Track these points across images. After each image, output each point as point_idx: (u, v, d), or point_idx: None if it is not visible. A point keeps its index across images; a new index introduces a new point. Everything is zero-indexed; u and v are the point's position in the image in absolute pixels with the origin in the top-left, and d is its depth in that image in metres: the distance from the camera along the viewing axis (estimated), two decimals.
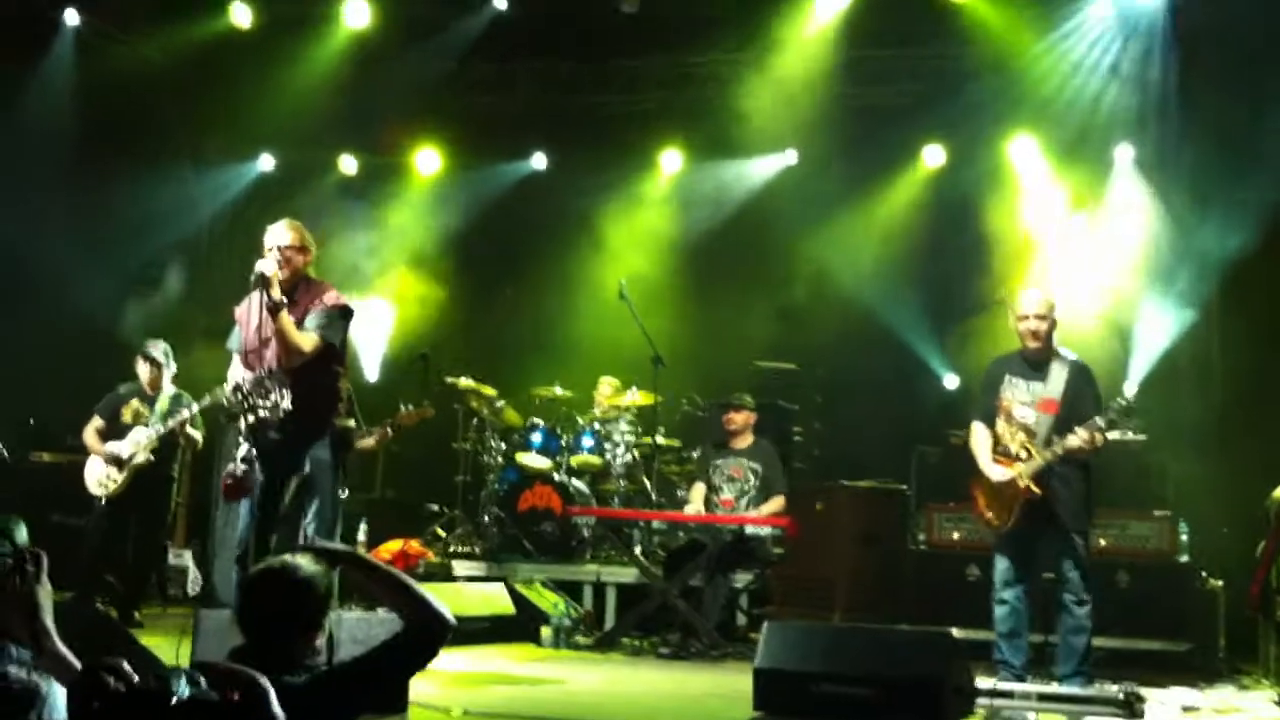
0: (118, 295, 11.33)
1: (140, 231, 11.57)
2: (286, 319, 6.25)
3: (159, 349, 9.10)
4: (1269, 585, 7.31)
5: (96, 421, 8.99)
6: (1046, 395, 6.93)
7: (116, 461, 8.77)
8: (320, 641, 3.59)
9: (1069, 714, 6.18)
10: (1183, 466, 9.18)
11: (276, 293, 6.20)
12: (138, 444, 8.79)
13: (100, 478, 8.80)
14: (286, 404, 6.12)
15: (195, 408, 8.85)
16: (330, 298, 6.47)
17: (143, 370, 9.04)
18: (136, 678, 2.76)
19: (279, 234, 6.49)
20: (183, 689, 2.68)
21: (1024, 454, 6.87)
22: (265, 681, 2.68)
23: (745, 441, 9.48)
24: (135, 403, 9.01)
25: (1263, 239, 9.77)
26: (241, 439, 6.20)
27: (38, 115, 10.85)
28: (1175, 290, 10.35)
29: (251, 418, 6.12)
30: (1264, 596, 7.43)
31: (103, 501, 8.78)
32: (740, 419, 9.47)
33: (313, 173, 12.54)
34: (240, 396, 6.16)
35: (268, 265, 6.21)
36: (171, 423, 8.79)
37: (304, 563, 3.67)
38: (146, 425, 8.87)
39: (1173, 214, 10.49)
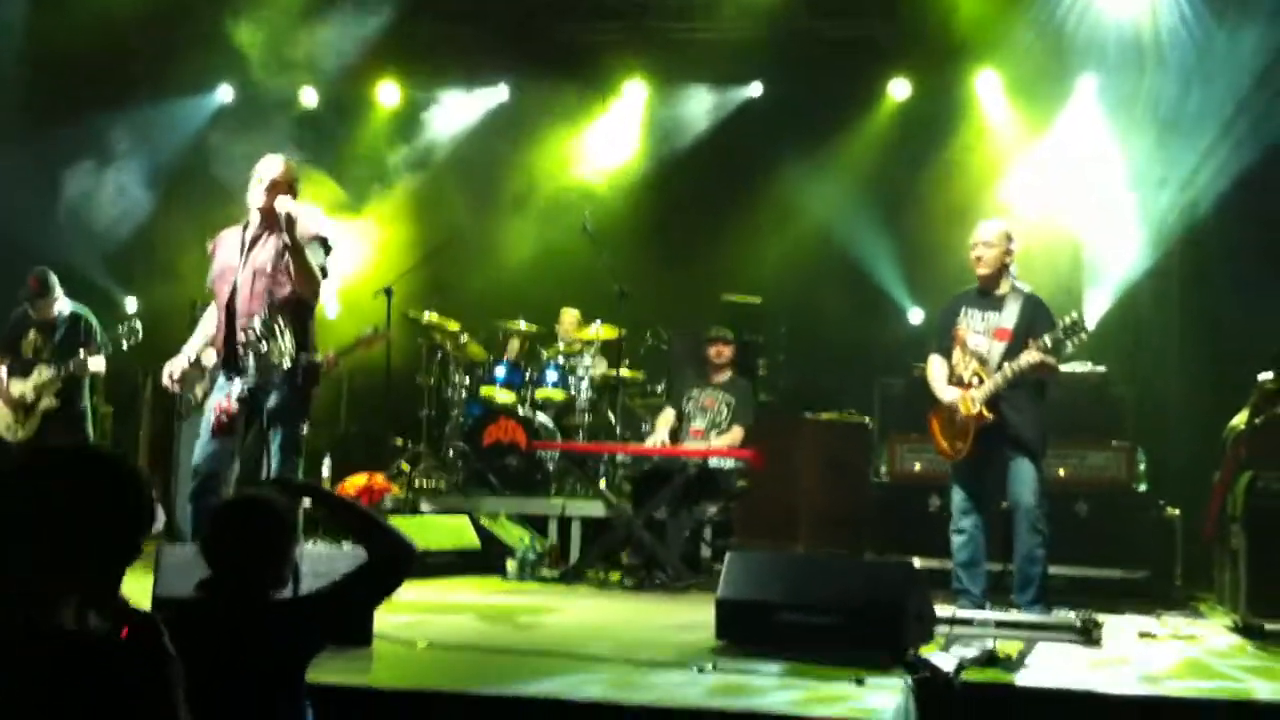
0: (73, 232, 11.20)
1: (100, 166, 11.44)
2: (308, 255, 6.25)
3: (40, 276, 8.65)
4: (1224, 513, 7.42)
5: None
6: (1000, 324, 7.06)
7: (22, 407, 8.55)
8: (285, 574, 3.61)
9: (1027, 640, 6.28)
10: (1141, 397, 9.28)
11: (297, 233, 6.17)
12: (40, 387, 8.51)
13: (8, 421, 8.54)
14: (291, 348, 6.14)
15: (97, 331, 8.63)
16: (314, 227, 6.42)
17: (30, 304, 8.67)
18: None
19: (271, 166, 6.44)
20: (67, 622, 2.46)
21: (976, 381, 6.99)
22: (158, 619, 2.58)
23: (724, 375, 9.53)
24: (33, 334, 8.65)
25: (1231, 173, 9.85)
26: (238, 377, 6.20)
27: None
28: (1139, 223, 10.42)
29: (253, 359, 6.12)
30: (1219, 524, 7.55)
31: (13, 450, 8.47)
32: (728, 352, 9.53)
33: (273, 104, 12.37)
34: (248, 337, 6.15)
35: (290, 205, 6.15)
36: (72, 365, 8.44)
37: (270, 496, 3.69)
38: (46, 358, 8.55)
39: (1138, 148, 10.52)
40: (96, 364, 8.66)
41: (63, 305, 8.75)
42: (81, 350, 8.50)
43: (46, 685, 2.35)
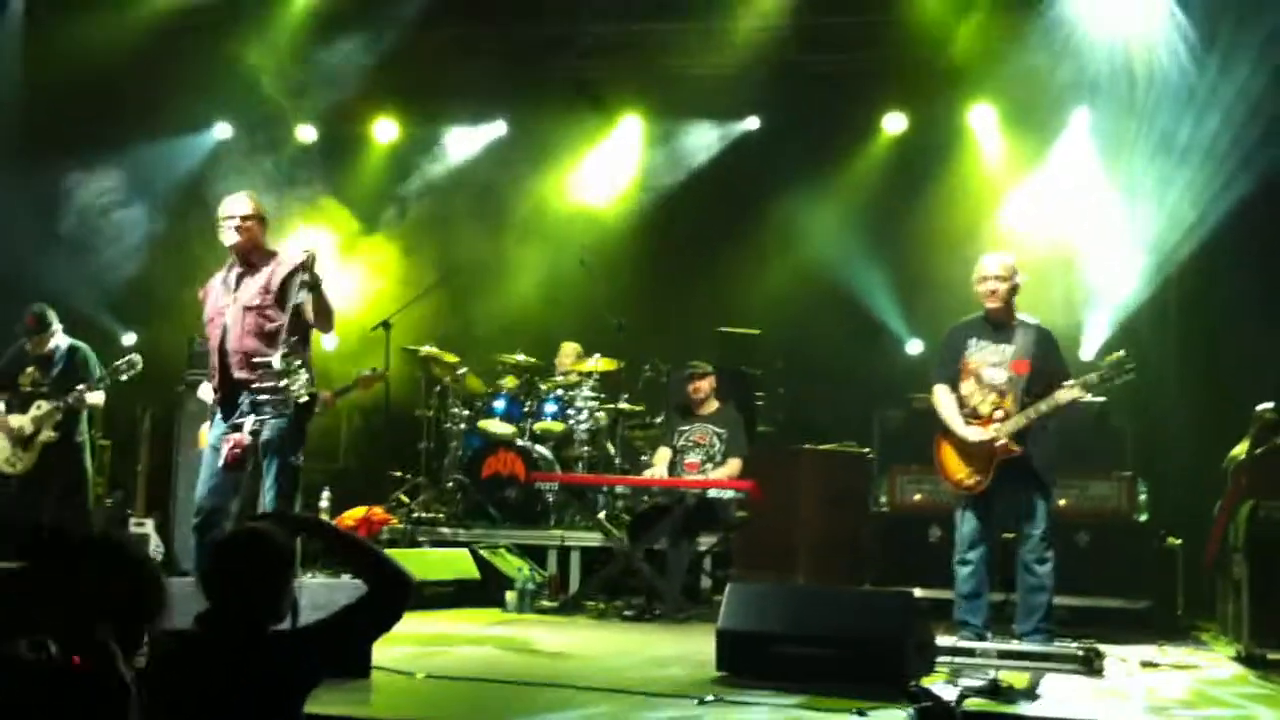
0: (73, 270, 11.20)
1: (99, 202, 11.47)
2: (327, 293, 6.30)
3: (38, 313, 8.69)
4: (1226, 543, 7.41)
5: None
6: (1016, 356, 6.98)
7: (21, 440, 8.55)
8: (283, 607, 3.59)
9: (1029, 670, 6.25)
10: (1141, 427, 9.26)
11: (319, 270, 6.22)
12: (38, 420, 8.52)
13: (7, 455, 8.55)
14: (309, 383, 6.13)
15: (95, 365, 8.62)
16: (301, 257, 6.42)
17: (27, 339, 8.71)
18: None
19: (238, 204, 6.51)
20: (22, 650, 2.48)
21: (999, 414, 6.90)
22: (114, 646, 2.56)
23: (710, 407, 9.49)
24: (31, 369, 8.68)
25: (1228, 203, 9.88)
26: (253, 413, 6.17)
27: None
28: (1136, 253, 10.43)
29: (267, 395, 6.09)
30: (1221, 554, 7.53)
31: (12, 482, 8.55)
32: (706, 386, 9.47)
33: (270, 142, 12.40)
34: (276, 371, 6.11)
35: (312, 245, 6.20)
36: (70, 399, 8.45)
37: (268, 530, 3.68)
38: (44, 392, 8.57)
39: (1134, 179, 10.54)
40: (95, 398, 8.69)
41: (60, 340, 8.77)
42: (80, 385, 8.51)
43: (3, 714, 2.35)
